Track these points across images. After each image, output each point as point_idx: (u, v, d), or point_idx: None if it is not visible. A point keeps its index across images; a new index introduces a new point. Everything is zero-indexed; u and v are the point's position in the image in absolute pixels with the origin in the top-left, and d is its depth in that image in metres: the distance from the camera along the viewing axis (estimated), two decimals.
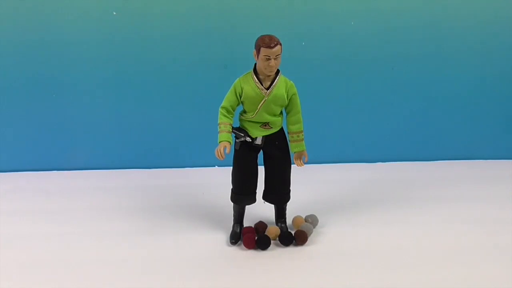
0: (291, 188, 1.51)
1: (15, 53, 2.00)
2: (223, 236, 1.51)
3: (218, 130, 1.40)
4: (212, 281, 1.27)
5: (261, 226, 1.51)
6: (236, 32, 2.03)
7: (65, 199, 1.80)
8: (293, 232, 1.47)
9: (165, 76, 2.07)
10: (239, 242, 1.46)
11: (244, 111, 1.43)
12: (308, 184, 1.89)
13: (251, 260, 1.37)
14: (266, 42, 1.32)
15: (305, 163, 1.48)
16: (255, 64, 1.39)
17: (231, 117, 1.42)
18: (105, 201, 1.78)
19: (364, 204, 1.75)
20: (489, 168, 2.14)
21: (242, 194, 1.46)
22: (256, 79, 1.38)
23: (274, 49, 1.32)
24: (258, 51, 1.34)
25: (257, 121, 1.42)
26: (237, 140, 1.43)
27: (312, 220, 1.55)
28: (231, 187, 1.48)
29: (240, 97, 1.40)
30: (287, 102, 1.42)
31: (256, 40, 1.35)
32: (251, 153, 1.45)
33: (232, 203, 1.49)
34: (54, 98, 2.06)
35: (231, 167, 1.46)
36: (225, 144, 1.37)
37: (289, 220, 1.56)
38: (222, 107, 1.41)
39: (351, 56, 2.10)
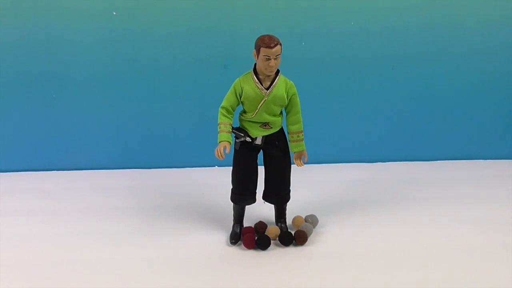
0: (291, 188, 1.51)
1: (15, 53, 2.00)
2: (223, 236, 1.51)
3: (218, 130, 1.40)
4: (212, 281, 1.27)
5: (261, 226, 1.51)
6: (236, 32, 2.03)
7: (65, 199, 1.80)
8: (293, 232, 1.47)
9: (165, 76, 2.07)
10: (239, 242, 1.46)
11: (244, 111, 1.43)
12: (308, 184, 1.89)
13: (251, 260, 1.37)
14: (266, 42, 1.32)
15: (305, 163, 1.48)
16: (255, 64, 1.39)
17: (231, 117, 1.42)
18: (105, 201, 1.78)
19: (364, 204, 1.75)
20: (489, 168, 2.14)
21: (242, 194, 1.46)
22: (256, 79, 1.38)
23: (274, 49, 1.32)
24: (258, 51, 1.34)
25: (257, 121, 1.42)
26: (237, 140, 1.43)
27: (312, 220, 1.55)
28: (231, 187, 1.48)
29: (240, 97, 1.40)
30: (287, 102, 1.42)
31: (256, 40, 1.35)
32: (251, 153, 1.45)
33: (232, 203, 1.49)
34: (54, 98, 2.06)
35: (231, 167, 1.46)
36: (225, 144, 1.37)
37: (289, 220, 1.56)
38: (222, 107, 1.41)
39: (351, 56, 2.10)
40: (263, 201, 1.52)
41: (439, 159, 2.24)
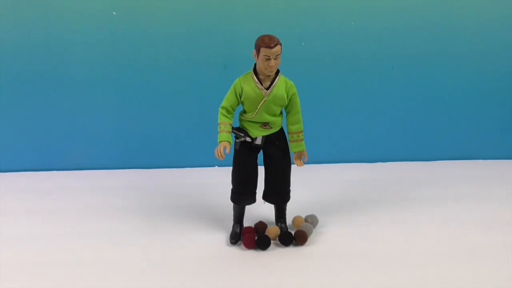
0: (291, 188, 1.51)
1: (15, 53, 2.00)
2: (223, 236, 1.51)
3: (218, 130, 1.40)
4: (212, 281, 1.27)
5: (261, 226, 1.51)
6: (236, 32, 2.03)
7: (65, 199, 1.80)
8: (293, 232, 1.47)
9: (165, 76, 2.07)
10: (239, 242, 1.46)
11: (244, 111, 1.43)
12: (308, 184, 1.89)
13: (251, 260, 1.37)
14: (266, 42, 1.32)
15: (305, 163, 1.48)
16: (255, 64, 1.39)
17: (231, 117, 1.42)
18: (105, 201, 1.78)
19: (364, 204, 1.75)
20: (489, 168, 2.14)
21: (242, 194, 1.46)
22: (256, 79, 1.38)
23: (274, 49, 1.32)
24: (258, 51, 1.34)
25: (257, 121, 1.42)
26: (237, 140, 1.43)
27: (312, 220, 1.55)
28: (231, 187, 1.48)
29: (240, 97, 1.40)
30: (287, 102, 1.42)
31: (256, 40, 1.35)
32: (251, 153, 1.44)
33: (232, 203, 1.49)
34: (54, 98, 2.06)
35: (231, 167, 1.46)
36: (225, 144, 1.37)
37: (289, 220, 1.56)
38: (222, 107, 1.41)
39: (351, 56, 2.10)
40: (263, 201, 1.52)
41: (439, 159, 2.24)
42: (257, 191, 1.47)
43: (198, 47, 2.04)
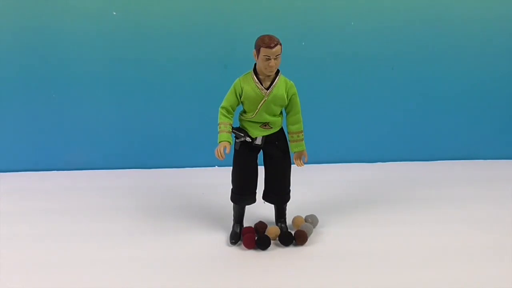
0: (291, 188, 1.51)
1: (14, 52, 2.00)
2: (223, 236, 1.51)
3: (218, 130, 1.40)
4: (212, 281, 1.27)
5: (261, 226, 1.51)
6: (236, 32, 2.03)
7: (65, 199, 1.80)
8: (293, 232, 1.47)
9: (165, 76, 2.07)
10: (239, 242, 1.46)
11: (244, 111, 1.43)
12: (308, 184, 1.89)
13: (251, 260, 1.37)
14: (266, 42, 1.32)
15: (305, 163, 1.48)
16: (255, 64, 1.39)
17: (231, 117, 1.42)
18: (105, 201, 1.78)
19: (364, 204, 1.75)
20: (489, 168, 2.14)
21: (242, 194, 1.46)
22: (256, 79, 1.38)
23: (274, 49, 1.32)
24: (258, 51, 1.34)
25: (257, 121, 1.42)
26: (237, 140, 1.43)
27: (312, 220, 1.55)
28: (231, 187, 1.48)
29: (240, 97, 1.40)
30: (287, 102, 1.42)
31: (256, 40, 1.35)
32: (251, 153, 1.44)
33: (232, 203, 1.49)
34: (53, 98, 2.06)
35: (231, 167, 1.46)
36: (225, 144, 1.37)
37: (289, 220, 1.56)
38: (222, 107, 1.41)
39: (351, 56, 2.11)
40: (263, 201, 1.52)
41: (439, 159, 2.24)
42: (257, 191, 1.47)
43: (198, 47, 2.04)
